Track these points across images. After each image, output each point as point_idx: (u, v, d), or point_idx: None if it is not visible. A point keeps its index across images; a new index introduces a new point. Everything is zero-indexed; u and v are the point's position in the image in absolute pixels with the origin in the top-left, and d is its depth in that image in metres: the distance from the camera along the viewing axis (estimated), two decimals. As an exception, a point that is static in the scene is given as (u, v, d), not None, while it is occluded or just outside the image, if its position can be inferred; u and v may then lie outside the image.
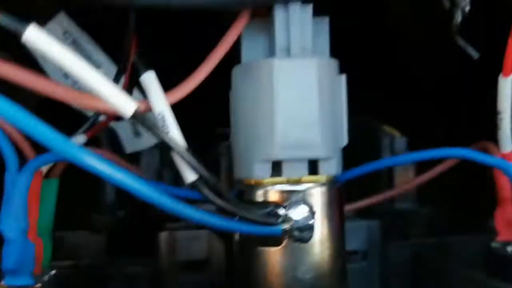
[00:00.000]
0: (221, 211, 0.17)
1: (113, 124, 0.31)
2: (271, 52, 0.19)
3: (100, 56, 0.28)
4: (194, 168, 0.16)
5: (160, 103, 0.17)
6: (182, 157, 0.16)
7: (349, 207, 0.25)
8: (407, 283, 0.25)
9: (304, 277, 0.18)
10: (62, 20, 0.27)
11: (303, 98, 0.18)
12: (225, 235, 0.23)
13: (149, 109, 0.17)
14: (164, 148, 0.28)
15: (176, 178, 0.31)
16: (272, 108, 0.18)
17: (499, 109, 0.19)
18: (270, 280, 0.18)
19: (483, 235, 0.23)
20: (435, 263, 0.23)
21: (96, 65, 0.27)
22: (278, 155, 0.18)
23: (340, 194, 0.19)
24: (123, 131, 0.31)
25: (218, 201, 0.16)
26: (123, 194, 0.32)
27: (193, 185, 0.16)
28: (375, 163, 0.22)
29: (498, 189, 0.22)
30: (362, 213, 0.27)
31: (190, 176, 0.16)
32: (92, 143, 0.22)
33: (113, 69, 0.25)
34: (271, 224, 0.17)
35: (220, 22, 0.18)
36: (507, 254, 0.21)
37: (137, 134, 0.31)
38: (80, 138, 0.21)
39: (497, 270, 0.21)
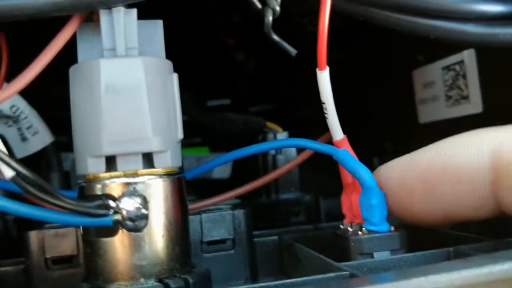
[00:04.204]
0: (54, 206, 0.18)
1: (1, 130, 0.31)
2: (102, 53, 0.20)
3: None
4: (9, 165, 0.17)
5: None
6: (-4, 155, 0.17)
7: (223, 197, 0.27)
8: (274, 267, 0.26)
9: (141, 263, 0.19)
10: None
11: (131, 95, 0.19)
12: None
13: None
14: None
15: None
16: (100, 105, 0.19)
17: (322, 100, 0.21)
18: (109, 269, 0.19)
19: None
20: (296, 248, 0.24)
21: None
22: (107, 150, 0.19)
23: (180, 185, 0.21)
24: (11, 137, 0.31)
25: (40, 195, 0.17)
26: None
27: (14, 182, 0.17)
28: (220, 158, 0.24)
29: (342, 175, 0.24)
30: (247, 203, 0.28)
31: (8, 172, 0.17)
32: None
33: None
34: (100, 216, 0.19)
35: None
36: (348, 234, 0.22)
37: (24, 139, 0.31)
38: None
39: (338, 248, 0.22)
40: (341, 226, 0.23)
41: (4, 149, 0.17)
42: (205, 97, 0.51)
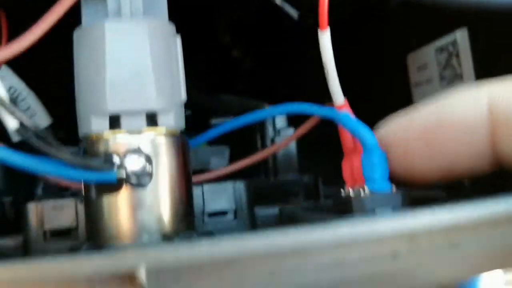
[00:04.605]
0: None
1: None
2: (106, 15, 0.20)
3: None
4: (14, 116, 0.17)
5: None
6: (1, 105, 0.17)
7: (221, 172, 0.27)
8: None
9: (144, 220, 0.19)
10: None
11: (136, 56, 0.19)
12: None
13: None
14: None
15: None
16: (104, 65, 0.19)
17: (323, 62, 0.21)
18: (113, 226, 0.19)
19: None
20: (297, 216, 0.24)
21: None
22: (111, 108, 0.19)
23: (183, 145, 0.21)
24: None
25: (44, 147, 0.17)
26: (9, 181, 0.32)
27: (18, 133, 0.17)
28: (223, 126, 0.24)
29: (342, 141, 0.24)
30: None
31: (12, 124, 0.17)
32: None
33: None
34: (104, 171, 0.19)
35: None
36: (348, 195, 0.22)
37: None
38: None
39: (340, 211, 0.23)
40: (342, 192, 0.24)
41: (7, 99, 0.17)
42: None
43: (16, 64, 0.24)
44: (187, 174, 0.21)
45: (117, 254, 0.14)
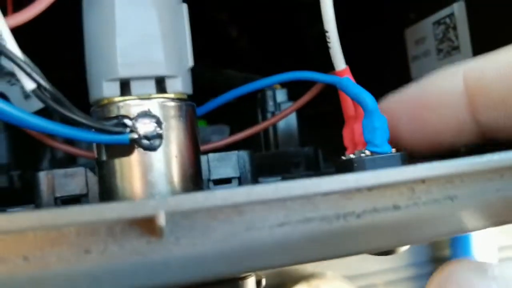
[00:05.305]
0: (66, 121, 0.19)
1: (3, 88, 0.32)
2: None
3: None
4: (30, 77, 0.17)
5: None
6: (18, 66, 0.17)
7: (223, 142, 0.28)
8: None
9: (156, 180, 0.20)
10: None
11: (144, 23, 0.20)
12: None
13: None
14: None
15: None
16: (114, 32, 0.20)
17: (325, 28, 0.22)
18: (125, 188, 0.20)
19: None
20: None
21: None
22: (122, 73, 0.20)
23: (192, 111, 0.22)
24: (14, 95, 0.32)
25: (59, 109, 0.18)
26: (17, 155, 0.33)
27: (35, 94, 0.18)
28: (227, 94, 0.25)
29: (343, 109, 0.25)
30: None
31: (29, 84, 0.18)
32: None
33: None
34: (117, 133, 0.19)
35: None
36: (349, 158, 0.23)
37: (27, 97, 0.32)
38: None
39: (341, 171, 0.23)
40: (343, 158, 0.24)
41: (24, 60, 0.17)
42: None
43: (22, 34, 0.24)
44: (195, 137, 0.21)
45: (138, 202, 0.14)
